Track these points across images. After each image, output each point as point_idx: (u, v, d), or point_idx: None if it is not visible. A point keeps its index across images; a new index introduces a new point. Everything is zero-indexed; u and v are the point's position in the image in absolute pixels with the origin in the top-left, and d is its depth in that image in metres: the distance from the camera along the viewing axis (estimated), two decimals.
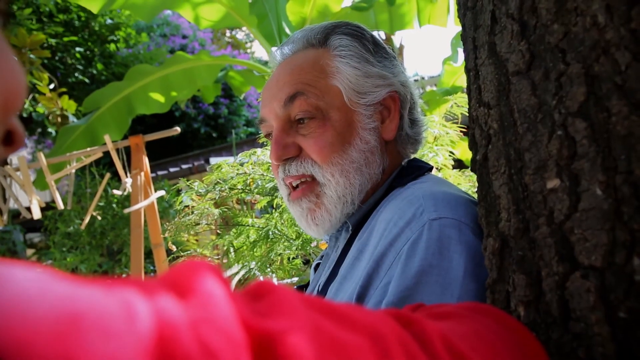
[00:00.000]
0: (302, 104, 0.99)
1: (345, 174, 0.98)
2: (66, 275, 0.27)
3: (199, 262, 0.34)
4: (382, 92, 1.02)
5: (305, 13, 4.75)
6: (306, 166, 1.00)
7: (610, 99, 0.55)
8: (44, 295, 0.24)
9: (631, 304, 0.52)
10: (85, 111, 5.08)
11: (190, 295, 0.30)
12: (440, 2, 4.91)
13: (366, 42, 1.04)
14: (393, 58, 1.08)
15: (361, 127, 1.00)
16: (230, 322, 0.30)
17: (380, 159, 1.02)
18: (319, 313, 0.38)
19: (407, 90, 1.07)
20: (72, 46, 10.24)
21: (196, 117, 13.53)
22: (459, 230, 0.80)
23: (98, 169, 6.73)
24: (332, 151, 0.98)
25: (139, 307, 0.26)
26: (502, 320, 0.58)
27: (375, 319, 0.42)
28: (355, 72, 1.01)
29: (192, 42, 14.51)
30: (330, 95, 1.00)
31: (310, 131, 0.99)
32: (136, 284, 0.29)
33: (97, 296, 0.26)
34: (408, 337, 0.43)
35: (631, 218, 0.53)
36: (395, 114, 1.04)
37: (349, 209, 1.00)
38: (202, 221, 2.49)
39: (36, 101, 5.96)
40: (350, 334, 0.37)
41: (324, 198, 1.00)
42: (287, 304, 0.35)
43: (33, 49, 4.53)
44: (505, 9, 0.68)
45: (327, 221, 1.01)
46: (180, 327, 0.27)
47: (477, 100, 0.76)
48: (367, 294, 0.82)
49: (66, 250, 7.10)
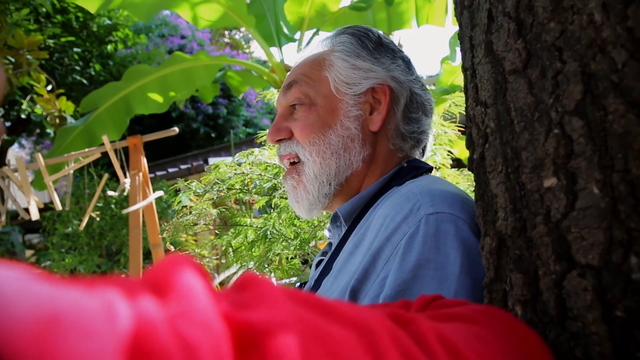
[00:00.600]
0: (295, 91, 1.10)
1: (321, 154, 1.06)
2: (47, 276, 0.26)
3: (178, 258, 0.33)
4: (368, 83, 1.08)
5: (304, 13, 4.76)
6: (292, 146, 1.10)
7: (607, 98, 0.55)
8: (24, 295, 0.24)
9: (628, 302, 0.52)
10: (83, 112, 5.07)
11: (169, 292, 0.30)
12: (438, 2, 4.91)
13: (366, 40, 1.11)
14: (399, 59, 1.13)
15: (344, 114, 1.07)
16: (209, 315, 0.29)
17: (360, 147, 1.07)
18: (304, 306, 0.37)
19: (405, 87, 1.10)
20: (69, 47, 10.23)
21: (195, 117, 13.54)
22: (455, 226, 0.81)
23: (96, 169, 6.73)
24: (312, 131, 1.07)
25: (119, 307, 0.26)
26: (510, 325, 0.58)
27: (365, 314, 0.42)
28: (344, 64, 1.08)
29: (191, 42, 14.52)
30: (320, 84, 1.10)
31: (299, 115, 1.10)
32: (117, 283, 0.29)
33: (77, 296, 0.25)
34: (402, 334, 0.42)
35: (628, 217, 0.53)
36: (384, 107, 1.08)
37: (325, 189, 1.07)
38: (201, 221, 2.49)
39: (34, 102, 5.95)
40: (336, 326, 0.37)
41: (303, 176, 1.08)
42: (270, 296, 0.35)
43: (31, 50, 4.53)
44: (501, 8, 0.68)
45: (305, 199, 1.09)
46: (157, 323, 0.27)
47: (474, 99, 0.76)
48: (364, 288, 0.83)
49: (65, 251, 7.09)
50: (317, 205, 1.10)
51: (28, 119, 9.59)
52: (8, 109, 9.81)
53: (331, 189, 1.07)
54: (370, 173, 1.08)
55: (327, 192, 1.07)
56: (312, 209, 1.11)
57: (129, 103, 5.04)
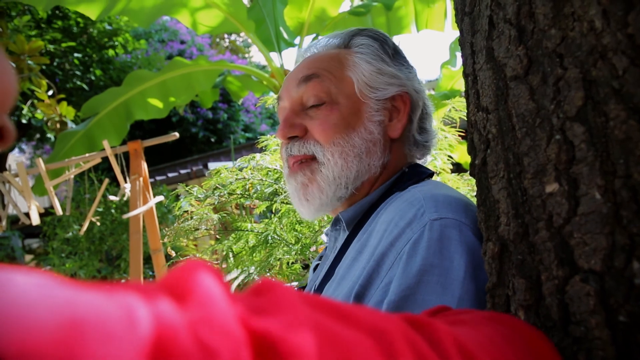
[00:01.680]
0: (315, 85, 1.05)
1: (344, 156, 1.02)
2: (67, 280, 0.27)
3: (197, 263, 0.33)
4: (392, 89, 1.07)
5: (303, 18, 4.77)
6: (308, 146, 1.04)
7: (608, 104, 0.56)
8: (45, 300, 0.24)
9: (631, 307, 0.52)
10: (83, 117, 5.07)
11: (188, 297, 0.30)
12: (438, 7, 4.92)
13: (386, 46, 1.10)
14: (412, 68, 1.13)
15: (367, 118, 1.04)
16: (229, 321, 0.30)
17: (381, 152, 1.05)
18: (320, 311, 0.37)
19: (420, 97, 1.11)
20: (70, 52, 10.24)
21: (195, 121, 13.54)
22: (459, 231, 0.81)
23: (97, 174, 6.73)
24: (335, 132, 1.02)
25: (140, 312, 0.26)
26: (519, 329, 0.58)
27: (381, 318, 0.42)
28: (369, 67, 1.06)
29: (190, 47, 14.54)
30: (343, 83, 1.06)
31: (318, 114, 1.04)
32: (136, 288, 0.29)
33: (98, 301, 0.26)
34: (416, 336, 0.42)
35: (630, 222, 0.53)
36: (404, 115, 1.08)
37: (342, 192, 1.04)
38: (201, 226, 2.49)
39: (35, 107, 5.96)
40: (353, 332, 0.37)
41: (318, 175, 1.03)
42: (287, 301, 0.35)
43: (32, 56, 4.54)
44: (502, 14, 0.69)
45: (317, 198, 1.04)
46: (178, 328, 0.27)
47: (476, 105, 0.76)
48: (367, 294, 0.83)
49: (65, 256, 7.08)
50: (328, 206, 1.06)
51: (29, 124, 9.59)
52: (9, 114, 9.80)
53: (347, 192, 1.04)
54: (381, 179, 1.07)
55: (343, 195, 1.04)
56: (321, 210, 1.07)
57: (129, 108, 5.03)
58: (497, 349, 0.51)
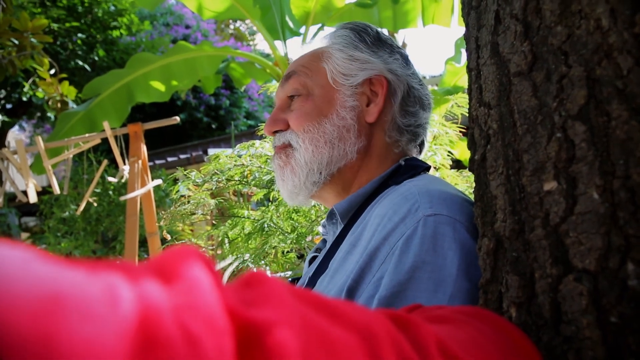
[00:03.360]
0: (293, 81, 1.11)
1: (314, 142, 1.06)
2: (51, 257, 0.26)
3: (188, 248, 0.33)
4: (365, 74, 1.09)
5: (309, 7, 4.75)
6: (286, 135, 1.11)
7: (611, 103, 0.55)
8: (26, 274, 0.23)
9: (623, 309, 0.52)
10: (85, 97, 5.07)
11: (175, 281, 0.30)
12: (445, 2, 4.90)
13: (364, 34, 1.13)
14: (397, 53, 1.13)
15: (340, 104, 1.08)
16: (215, 309, 0.29)
17: (355, 137, 1.07)
18: (310, 306, 0.37)
19: (402, 80, 1.11)
20: (74, 32, 10.20)
21: (197, 107, 13.52)
22: (453, 228, 0.80)
23: (96, 155, 6.71)
24: (307, 120, 1.07)
25: (122, 291, 0.26)
26: (500, 326, 0.58)
27: (368, 317, 0.41)
28: (342, 55, 1.10)
29: (195, 32, 14.48)
30: (318, 75, 1.11)
31: (295, 106, 1.11)
32: (121, 267, 0.28)
33: (80, 278, 0.25)
34: (401, 338, 0.42)
35: (627, 223, 0.53)
36: (381, 99, 1.08)
37: (315, 177, 1.08)
38: (198, 211, 2.49)
39: (36, 85, 5.94)
40: (340, 330, 0.37)
41: (292, 159, 1.09)
42: (276, 295, 0.35)
43: (35, 33, 4.51)
44: (509, 9, 0.68)
45: (290, 180, 1.10)
46: (163, 312, 0.27)
47: (478, 99, 0.76)
48: (359, 288, 0.83)
49: (61, 235, 7.09)
50: (302, 190, 1.10)
51: (29, 101, 9.57)
52: (10, 90, 9.79)
53: (321, 177, 1.07)
54: (365, 166, 1.08)
55: (317, 180, 1.08)
56: (297, 194, 1.11)
57: (131, 90, 5.03)
58: (480, 349, 0.51)
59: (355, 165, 1.08)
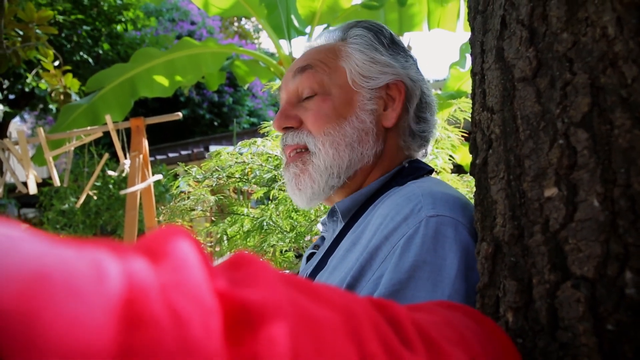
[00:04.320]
0: (309, 76, 1.07)
1: (335, 145, 1.03)
2: (39, 234, 0.26)
3: (176, 228, 0.33)
4: (386, 78, 1.07)
5: (315, 7, 4.75)
6: (301, 136, 1.07)
7: (614, 112, 0.55)
8: (12, 251, 0.23)
9: (620, 316, 0.52)
10: (88, 90, 5.06)
11: (163, 259, 0.29)
12: (451, 7, 4.90)
13: (381, 36, 1.10)
14: (410, 57, 1.13)
15: (360, 107, 1.05)
16: (202, 289, 0.29)
17: (374, 141, 1.05)
18: (295, 288, 0.37)
19: (417, 86, 1.10)
20: (79, 24, 10.20)
21: (200, 103, 13.52)
22: (455, 230, 0.80)
23: (97, 148, 6.72)
24: (326, 122, 1.04)
25: (109, 268, 0.26)
26: (470, 314, 0.59)
27: (350, 299, 0.42)
28: (362, 56, 1.07)
29: (200, 29, 14.48)
30: (336, 74, 1.07)
31: (311, 105, 1.06)
32: (108, 245, 0.28)
33: (66, 255, 0.25)
34: (381, 320, 0.43)
35: (626, 231, 0.53)
36: (399, 104, 1.07)
37: (334, 181, 1.05)
38: (198, 207, 2.49)
39: (40, 77, 5.94)
40: (325, 310, 0.37)
41: (310, 165, 1.05)
42: (264, 276, 0.35)
43: (40, 25, 4.51)
44: (515, 15, 0.68)
45: (309, 187, 1.06)
46: (149, 290, 0.27)
47: (481, 104, 0.76)
48: (359, 285, 0.83)
49: (60, 227, 7.10)
50: (320, 195, 1.07)
51: (32, 93, 9.57)
52: (13, 81, 9.79)
53: (340, 181, 1.05)
54: (376, 169, 1.07)
55: (335, 184, 1.05)
56: (314, 199, 1.08)
57: (135, 85, 5.02)
58: (455, 333, 0.51)
59: (368, 169, 1.07)
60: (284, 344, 0.31)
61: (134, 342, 0.24)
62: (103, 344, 0.23)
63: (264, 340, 0.30)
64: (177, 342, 0.26)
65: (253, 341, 0.30)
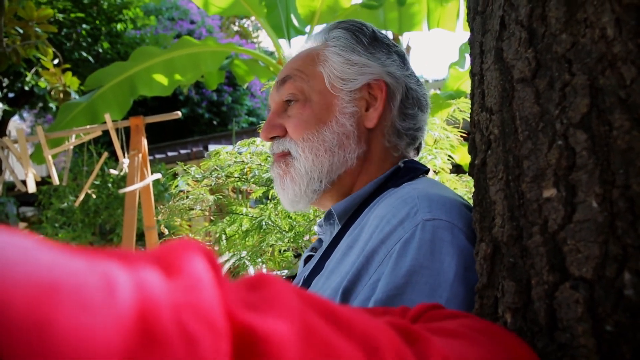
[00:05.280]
0: (289, 86, 1.08)
1: (314, 151, 1.04)
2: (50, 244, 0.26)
3: (192, 242, 0.32)
4: (364, 78, 1.06)
5: (315, 7, 4.74)
6: (284, 143, 1.09)
7: (613, 113, 0.55)
8: (24, 260, 0.23)
9: (618, 317, 0.52)
10: (87, 89, 5.06)
11: (176, 275, 0.29)
12: (451, 6, 4.90)
13: (361, 35, 1.10)
14: (394, 53, 1.11)
15: (339, 111, 1.05)
16: (215, 310, 0.29)
17: (356, 144, 1.05)
18: (316, 313, 0.36)
19: (400, 83, 1.08)
20: (79, 23, 10.19)
21: (199, 102, 13.51)
22: (451, 233, 0.80)
23: (96, 147, 6.71)
24: (305, 128, 1.05)
25: (120, 280, 0.26)
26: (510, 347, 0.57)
27: (375, 328, 0.40)
28: (339, 59, 1.07)
29: (200, 28, 14.47)
30: (315, 79, 1.08)
31: (293, 112, 1.08)
32: (121, 256, 0.28)
33: (77, 266, 0.25)
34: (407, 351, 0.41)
35: (625, 232, 0.53)
36: (380, 103, 1.06)
37: (315, 185, 1.06)
38: (197, 206, 2.49)
39: (39, 75, 5.94)
40: (344, 341, 0.36)
41: (292, 168, 1.07)
42: (282, 299, 0.34)
43: (40, 23, 4.51)
44: (514, 16, 0.68)
45: (290, 189, 1.08)
46: (161, 306, 0.26)
47: (480, 104, 0.76)
48: (355, 290, 0.82)
49: (58, 226, 7.09)
50: (302, 199, 1.08)
51: (31, 91, 9.56)
52: (13, 80, 9.78)
53: (322, 185, 1.06)
54: (364, 171, 1.06)
55: (317, 188, 1.06)
56: (297, 202, 1.09)
57: (134, 83, 5.02)
58: None
59: (355, 172, 1.06)
60: None
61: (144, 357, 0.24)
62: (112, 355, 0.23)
63: None
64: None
65: None
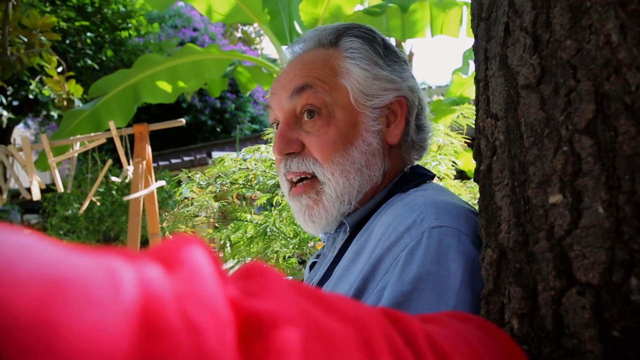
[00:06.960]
0: (309, 96, 1.00)
1: (345, 174, 0.99)
2: (53, 242, 0.26)
3: (190, 237, 0.33)
4: (390, 96, 1.02)
5: (318, 13, 4.76)
6: (307, 164, 1.01)
7: (618, 119, 0.55)
8: (29, 258, 0.23)
9: (625, 323, 0.52)
10: (91, 97, 5.08)
11: (177, 268, 0.30)
12: (454, 13, 4.91)
13: (377, 45, 1.05)
14: (403, 62, 1.09)
15: (365, 128, 1.01)
16: (217, 299, 0.29)
17: (381, 161, 1.02)
18: (307, 299, 0.37)
19: (415, 95, 1.07)
20: (83, 31, 10.25)
21: (202, 110, 13.55)
22: (458, 240, 0.80)
23: (100, 154, 6.74)
24: (334, 150, 0.99)
25: (124, 276, 0.26)
26: (484, 327, 0.59)
27: (362, 310, 0.42)
28: (364, 73, 1.01)
29: (203, 35, 14.54)
30: (337, 93, 1.01)
31: (314, 129, 1.00)
32: (123, 253, 0.28)
33: (82, 263, 0.25)
34: (393, 332, 0.42)
35: (631, 238, 0.53)
36: (402, 119, 1.04)
37: (345, 208, 1.01)
38: (201, 213, 2.49)
39: (43, 83, 5.96)
40: (336, 322, 0.37)
41: (323, 196, 1.01)
42: (276, 287, 0.35)
43: (44, 31, 4.53)
44: (519, 22, 0.69)
45: (323, 219, 1.02)
46: (165, 299, 0.27)
47: (485, 111, 0.76)
48: (362, 297, 0.82)
49: (63, 233, 7.11)
50: (332, 223, 1.03)
51: (35, 99, 9.60)
52: (17, 88, 9.83)
53: (351, 207, 1.01)
54: (382, 184, 1.05)
55: (346, 210, 1.01)
56: (327, 227, 1.05)
57: (138, 91, 5.04)
58: (468, 347, 0.51)
59: (376, 187, 1.04)
60: (295, 356, 0.31)
61: (150, 350, 0.25)
62: (118, 352, 0.23)
63: (275, 353, 0.30)
64: (192, 352, 0.26)
65: (264, 353, 0.30)
